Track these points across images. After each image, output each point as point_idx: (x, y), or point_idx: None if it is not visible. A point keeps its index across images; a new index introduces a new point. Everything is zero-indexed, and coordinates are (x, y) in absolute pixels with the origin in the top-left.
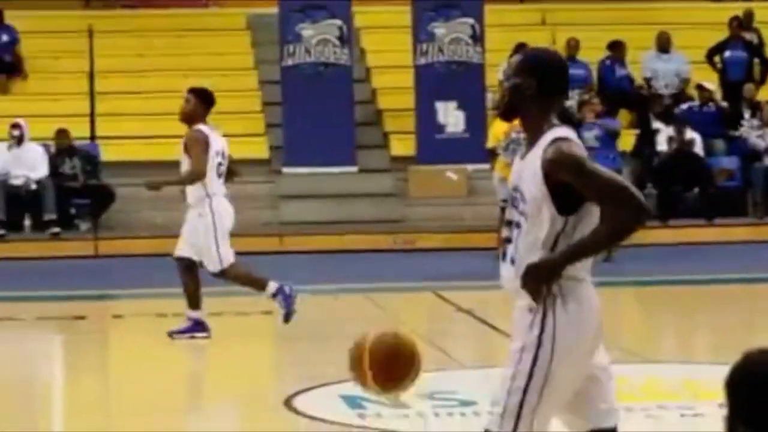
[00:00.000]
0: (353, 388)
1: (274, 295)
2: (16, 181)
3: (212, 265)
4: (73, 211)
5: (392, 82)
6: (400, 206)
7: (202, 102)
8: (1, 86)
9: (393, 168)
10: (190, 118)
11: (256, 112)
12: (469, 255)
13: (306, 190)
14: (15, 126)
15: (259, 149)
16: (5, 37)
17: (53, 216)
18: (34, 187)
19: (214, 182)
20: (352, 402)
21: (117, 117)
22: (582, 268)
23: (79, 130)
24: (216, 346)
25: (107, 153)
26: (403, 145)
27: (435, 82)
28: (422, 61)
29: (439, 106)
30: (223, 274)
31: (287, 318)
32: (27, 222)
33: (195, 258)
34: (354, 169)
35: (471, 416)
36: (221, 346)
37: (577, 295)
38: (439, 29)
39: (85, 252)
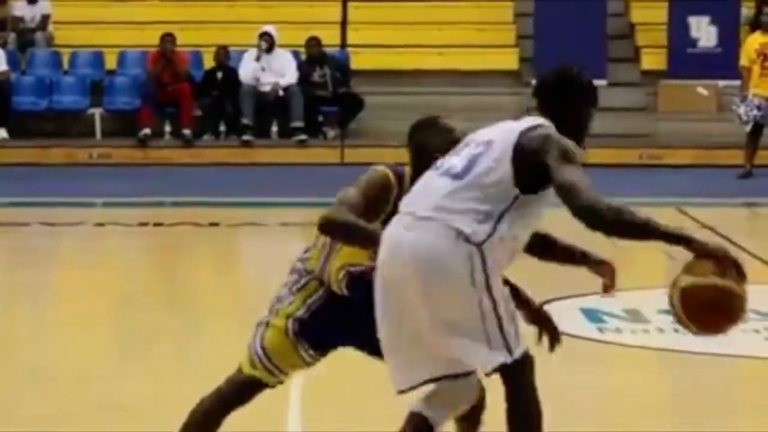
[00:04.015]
0: (594, 302)
1: None
2: (265, 88)
3: None
4: (320, 118)
5: None
6: (649, 121)
7: None
8: None
9: (643, 82)
10: None
11: (508, 23)
12: (715, 172)
13: None
14: (264, 35)
15: (510, 61)
16: None
17: (300, 123)
18: (282, 93)
19: None
20: (593, 316)
21: (368, 25)
22: None
23: (330, 38)
24: None
25: (357, 61)
26: (654, 59)
27: None
28: None
29: (692, 20)
30: None
31: None
32: (274, 128)
33: None
34: (604, 82)
35: None
36: None
37: None
38: None
39: (332, 159)
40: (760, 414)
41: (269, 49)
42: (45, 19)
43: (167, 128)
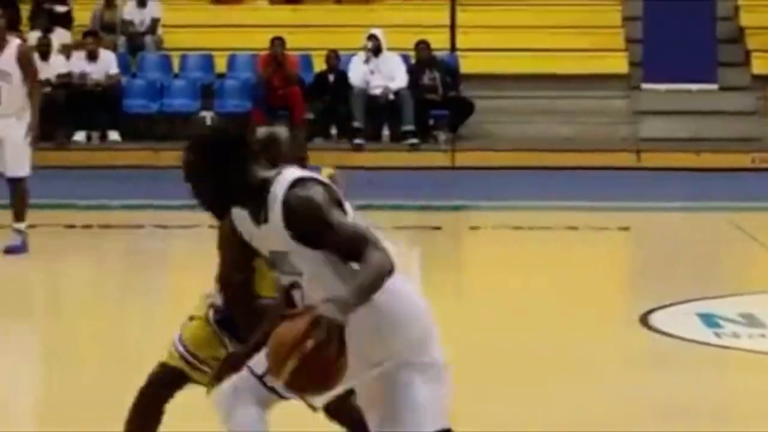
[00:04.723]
0: (710, 307)
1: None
2: (376, 91)
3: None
4: (431, 122)
5: None
6: (760, 125)
7: None
8: None
9: (754, 86)
10: None
11: (617, 27)
12: None
13: (665, 107)
14: (371, 37)
15: (619, 64)
16: None
17: (411, 127)
18: (392, 97)
19: None
20: (709, 321)
21: (477, 29)
22: None
23: (439, 42)
24: (567, 264)
25: (467, 65)
26: (764, 63)
27: None
28: None
29: None
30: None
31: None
32: (385, 132)
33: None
34: (714, 86)
35: None
36: (571, 264)
37: None
38: None
39: (442, 163)
40: None
41: (376, 52)
42: (154, 22)
43: None
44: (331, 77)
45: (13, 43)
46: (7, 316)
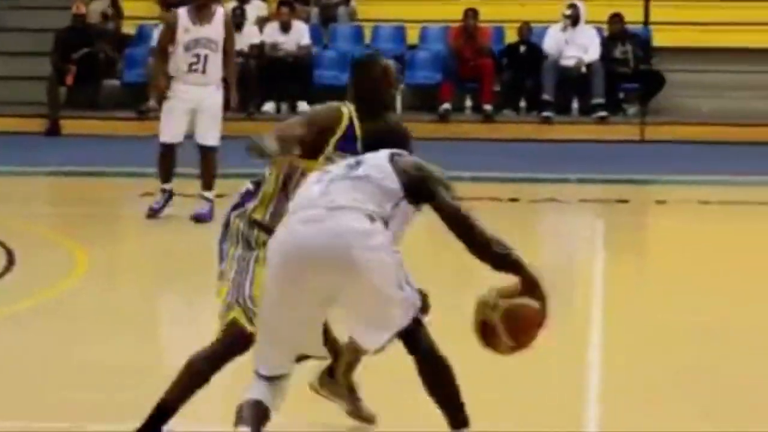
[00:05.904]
0: None
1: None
2: (568, 62)
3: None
4: (621, 95)
5: None
6: None
7: None
8: None
9: None
10: None
11: None
12: None
13: None
14: (570, 6)
15: None
16: None
17: (601, 100)
18: (584, 70)
19: None
20: None
21: (671, 2)
22: None
23: (633, 15)
24: (755, 240)
25: (659, 38)
26: None
27: None
28: None
29: None
30: None
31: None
32: (575, 105)
33: None
34: None
35: None
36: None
37: None
38: None
39: (632, 137)
40: None
41: (575, 22)
42: None
43: (468, 103)
44: (522, 48)
45: (219, 11)
46: (190, 282)
